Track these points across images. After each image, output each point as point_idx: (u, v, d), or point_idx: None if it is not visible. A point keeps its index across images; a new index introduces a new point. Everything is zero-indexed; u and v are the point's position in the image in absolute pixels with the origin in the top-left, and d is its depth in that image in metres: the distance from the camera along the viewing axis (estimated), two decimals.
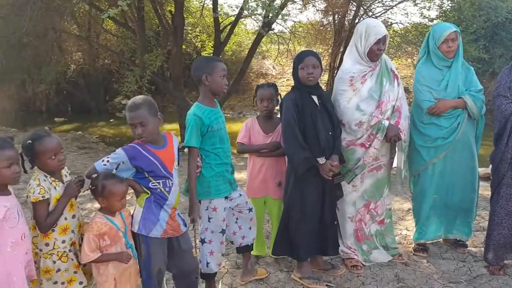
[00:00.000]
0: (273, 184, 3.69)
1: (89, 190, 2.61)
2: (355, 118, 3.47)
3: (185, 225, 2.93)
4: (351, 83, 3.50)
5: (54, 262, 2.47)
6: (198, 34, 15.00)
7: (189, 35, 14.92)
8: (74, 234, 2.57)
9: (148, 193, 2.71)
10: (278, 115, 3.61)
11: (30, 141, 2.38)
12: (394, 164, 3.81)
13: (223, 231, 3.18)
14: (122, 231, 2.63)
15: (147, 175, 2.69)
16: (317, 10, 13.73)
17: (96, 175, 2.59)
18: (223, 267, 3.73)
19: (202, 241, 3.16)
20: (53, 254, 2.47)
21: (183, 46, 11.84)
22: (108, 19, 7.73)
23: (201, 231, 3.16)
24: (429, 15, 13.13)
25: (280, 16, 9.24)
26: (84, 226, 2.59)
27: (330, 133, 3.35)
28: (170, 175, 2.75)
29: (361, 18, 12.50)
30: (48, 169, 2.46)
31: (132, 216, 2.76)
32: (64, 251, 2.50)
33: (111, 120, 15.60)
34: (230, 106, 15.92)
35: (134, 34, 11.50)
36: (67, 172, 2.66)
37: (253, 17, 11.07)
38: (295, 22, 13.36)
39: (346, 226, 3.72)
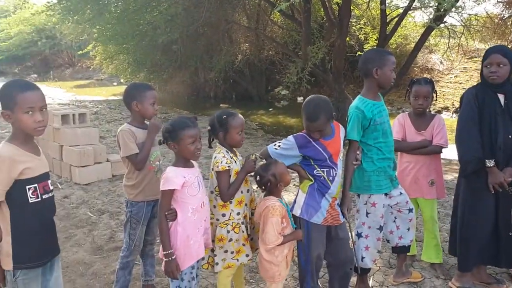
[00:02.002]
0: (426, 183, 3.50)
1: (256, 180, 2.77)
2: None
3: (344, 216, 2.95)
4: None
5: (228, 231, 2.72)
6: (362, 26, 14.73)
7: (353, 27, 14.74)
8: (247, 208, 2.82)
9: (311, 180, 2.81)
10: (432, 112, 3.37)
11: (225, 116, 2.70)
12: None
13: (380, 228, 3.11)
14: (289, 214, 2.78)
15: (312, 163, 2.79)
16: (498, 2, 12.40)
17: (258, 168, 2.77)
18: (375, 264, 3.66)
19: (359, 235, 3.14)
20: (228, 224, 2.73)
21: (347, 39, 11.75)
22: (275, 11, 8.04)
23: (358, 225, 3.14)
24: None
25: (453, 8, 8.61)
26: (269, 211, 2.68)
27: (510, 136, 3.03)
28: (335, 165, 2.80)
29: None
30: (231, 144, 2.76)
31: (294, 200, 2.88)
32: (238, 223, 2.75)
33: (270, 109, 16.23)
34: (389, 101, 15.34)
35: (299, 26, 11.76)
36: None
37: (423, 9, 10.53)
38: (470, 14, 12.26)
39: None
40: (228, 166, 2.68)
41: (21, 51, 31.39)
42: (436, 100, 3.63)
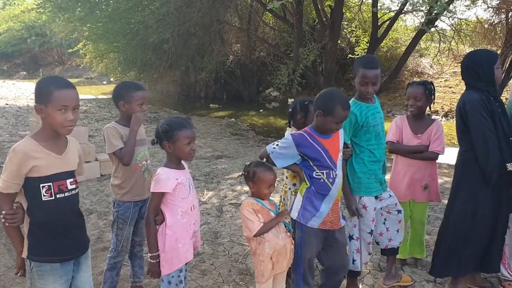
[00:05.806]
0: (419, 187, 3.51)
1: (242, 175, 2.78)
2: None
3: (344, 219, 2.92)
4: None
5: None
6: (354, 29, 14.78)
7: (344, 30, 14.79)
8: None
9: (308, 184, 2.76)
10: (433, 116, 3.36)
11: (307, 102, 3.02)
12: None
13: (371, 232, 3.09)
14: (273, 212, 2.72)
15: (311, 164, 2.73)
16: (488, 7, 12.48)
17: (248, 162, 2.77)
18: (365, 267, 3.64)
19: (350, 238, 3.12)
20: (298, 191, 2.87)
21: (338, 41, 11.78)
22: (267, 12, 8.03)
23: (350, 228, 3.12)
24: None
25: (445, 12, 8.66)
26: (242, 206, 2.72)
27: (510, 138, 2.95)
28: (334, 166, 2.74)
29: None
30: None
31: (293, 202, 2.86)
32: None
33: (261, 110, 16.21)
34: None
35: (291, 28, 11.77)
36: None
37: (415, 13, 10.60)
38: (460, 19, 12.32)
39: None
40: None
41: (10, 48, 31.00)
42: (434, 102, 3.59)
